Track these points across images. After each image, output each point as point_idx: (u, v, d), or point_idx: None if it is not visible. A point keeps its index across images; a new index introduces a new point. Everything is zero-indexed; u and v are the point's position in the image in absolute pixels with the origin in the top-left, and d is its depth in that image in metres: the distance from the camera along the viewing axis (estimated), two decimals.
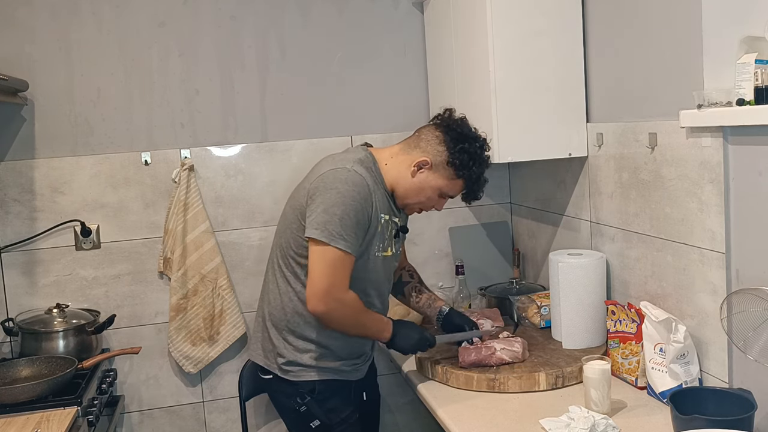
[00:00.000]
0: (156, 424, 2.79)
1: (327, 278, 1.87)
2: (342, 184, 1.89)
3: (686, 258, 1.89)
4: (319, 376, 2.03)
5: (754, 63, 1.59)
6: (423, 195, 2.03)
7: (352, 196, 1.88)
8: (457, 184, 2.03)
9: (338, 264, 1.88)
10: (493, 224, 3.05)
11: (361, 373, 2.13)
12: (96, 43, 2.65)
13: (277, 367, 2.06)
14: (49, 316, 2.49)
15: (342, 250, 1.87)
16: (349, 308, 1.93)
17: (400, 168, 2.02)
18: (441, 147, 1.99)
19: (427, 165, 2.00)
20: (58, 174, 2.64)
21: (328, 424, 2.03)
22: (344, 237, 1.87)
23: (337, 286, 1.89)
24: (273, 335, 2.06)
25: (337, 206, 1.87)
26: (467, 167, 1.98)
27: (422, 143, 2.02)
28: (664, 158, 1.95)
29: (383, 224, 2.00)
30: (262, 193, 2.82)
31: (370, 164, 2.00)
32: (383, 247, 2.02)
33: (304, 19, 2.81)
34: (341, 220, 1.86)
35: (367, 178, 1.94)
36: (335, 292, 1.89)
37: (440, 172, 2.00)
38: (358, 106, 2.87)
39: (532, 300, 2.49)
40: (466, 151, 1.98)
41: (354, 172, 1.92)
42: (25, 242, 2.62)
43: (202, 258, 2.69)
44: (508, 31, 2.25)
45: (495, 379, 2.01)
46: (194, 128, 2.75)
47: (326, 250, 1.87)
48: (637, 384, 1.98)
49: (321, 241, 1.86)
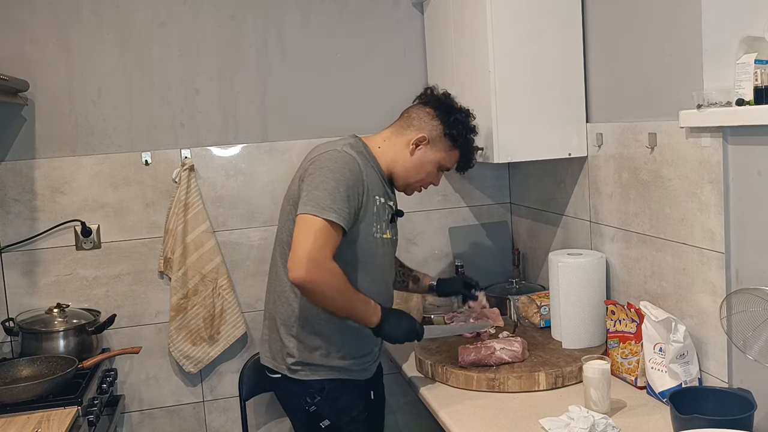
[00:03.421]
0: (156, 424, 2.79)
1: (309, 244, 1.81)
2: (332, 162, 1.91)
3: (686, 258, 1.89)
4: (329, 375, 2.03)
5: (754, 63, 1.59)
6: (424, 171, 2.08)
7: (341, 171, 1.90)
8: (454, 155, 2.10)
9: (324, 232, 1.83)
10: (493, 224, 3.05)
11: (369, 372, 2.13)
12: (96, 43, 2.65)
13: (286, 367, 2.05)
14: (49, 316, 2.49)
15: (331, 221, 1.84)
16: (332, 276, 1.85)
17: (396, 149, 2.06)
18: (435, 122, 2.05)
19: (424, 141, 2.05)
20: (58, 174, 2.64)
21: (337, 424, 2.03)
22: (335, 209, 1.85)
23: (318, 251, 1.81)
24: (282, 334, 2.06)
25: (327, 182, 1.88)
26: (461, 137, 2.06)
27: (414, 122, 2.06)
28: (663, 158, 1.95)
29: (379, 206, 2.01)
30: (262, 193, 2.82)
31: (361, 148, 2.03)
32: (382, 229, 2.02)
33: (304, 19, 2.81)
34: (331, 194, 1.86)
35: (358, 158, 1.95)
36: (317, 257, 1.81)
37: (438, 145, 2.06)
38: (358, 106, 2.87)
39: (532, 300, 2.49)
40: (459, 122, 2.06)
41: (344, 153, 1.94)
42: (25, 242, 2.62)
43: (202, 258, 2.70)
44: (508, 31, 2.25)
45: (495, 378, 2.02)
46: (194, 128, 2.76)
47: (312, 220, 1.83)
48: (637, 384, 1.99)
49: (310, 214, 1.84)
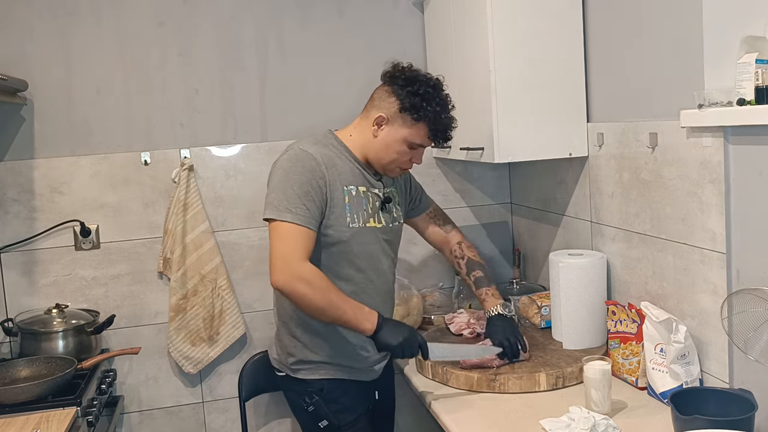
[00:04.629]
0: (155, 425, 2.79)
1: (278, 250, 1.83)
2: (285, 162, 1.93)
3: (687, 258, 1.88)
4: (329, 374, 2.02)
5: (755, 63, 1.58)
6: (392, 150, 2.01)
7: (294, 170, 1.90)
8: (420, 128, 1.99)
9: (288, 236, 1.84)
10: (493, 224, 3.05)
11: (375, 373, 2.12)
12: (96, 42, 2.64)
13: (287, 366, 2.06)
14: (48, 317, 2.48)
15: (290, 222, 1.85)
16: (308, 277, 1.82)
17: (364, 134, 2.04)
18: (392, 98, 1.99)
19: (384, 120, 2.00)
20: (57, 174, 2.64)
21: (336, 425, 2.02)
22: (290, 209, 1.86)
23: (289, 256, 1.82)
24: (284, 333, 2.07)
25: (281, 182, 1.90)
26: (421, 108, 1.95)
27: (375, 102, 2.04)
28: (664, 158, 1.94)
29: (354, 196, 1.99)
30: (262, 193, 2.75)
31: (329, 141, 2.02)
32: (363, 219, 2.00)
33: (304, 19, 2.81)
34: (285, 194, 1.88)
35: (316, 153, 1.94)
36: (291, 262, 1.82)
37: (398, 122, 1.99)
38: (358, 106, 2.82)
39: (533, 300, 2.49)
40: (415, 93, 1.95)
41: (299, 150, 1.94)
42: (24, 242, 2.62)
43: (201, 258, 2.69)
44: (508, 31, 2.24)
45: (495, 379, 2.01)
46: (194, 128, 2.75)
47: (276, 225, 1.87)
48: (638, 384, 1.98)
49: (272, 219, 1.88)
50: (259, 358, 2.63)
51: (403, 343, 1.89)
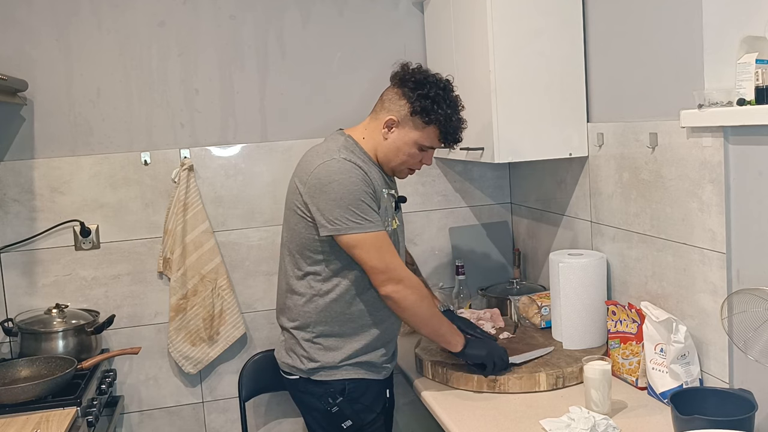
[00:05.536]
0: (155, 425, 2.79)
1: (379, 260, 1.91)
2: (338, 174, 1.91)
3: (687, 258, 1.88)
4: (349, 375, 2.02)
5: (755, 63, 1.58)
6: (402, 153, 2.02)
7: (352, 181, 1.91)
8: (431, 132, 2.00)
9: (380, 245, 1.92)
10: (493, 224, 3.05)
11: (387, 371, 2.12)
12: (96, 42, 2.64)
13: (305, 370, 2.03)
14: (48, 317, 2.48)
15: (375, 231, 1.91)
16: (418, 287, 1.97)
17: (375, 135, 2.04)
18: (402, 101, 1.99)
19: (394, 123, 2.00)
20: (57, 174, 2.64)
21: (359, 425, 2.03)
22: (368, 219, 1.90)
23: (392, 263, 1.93)
24: (299, 337, 2.03)
25: (344, 197, 1.90)
26: (432, 111, 1.96)
27: (386, 104, 2.03)
28: (664, 158, 1.94)
29: (386, 198, 2.02)
30: (262, 193, 2.82)
31: (353, 146, 2.02)
32: (391, 221, 2.04)
33: (304, 19, 2.81)
34: (357, 207, 1.90)
35: (357, 161, 1.95)
36: (397, 270, 1.93)
37: (409, 125, 2.00)
38: (358, 106, 2.85)
39: (533, 300, 2.49)
40: (425, 96, 1.96)
41: (343, 161, 1.94)
42: (24, 242, 2.62)
43: (201, 258, 2.69)
44: (508, 31, 2.24)
45: (495, 379, 2.01)
46: (194, 128, 2.75)
47: (363, 238, 1.90)
48: (638, 384, 1.98)
49: (354, 234, 1.90)
50: (259, 358, 2.63)
51: (492, 352, 2.04)
